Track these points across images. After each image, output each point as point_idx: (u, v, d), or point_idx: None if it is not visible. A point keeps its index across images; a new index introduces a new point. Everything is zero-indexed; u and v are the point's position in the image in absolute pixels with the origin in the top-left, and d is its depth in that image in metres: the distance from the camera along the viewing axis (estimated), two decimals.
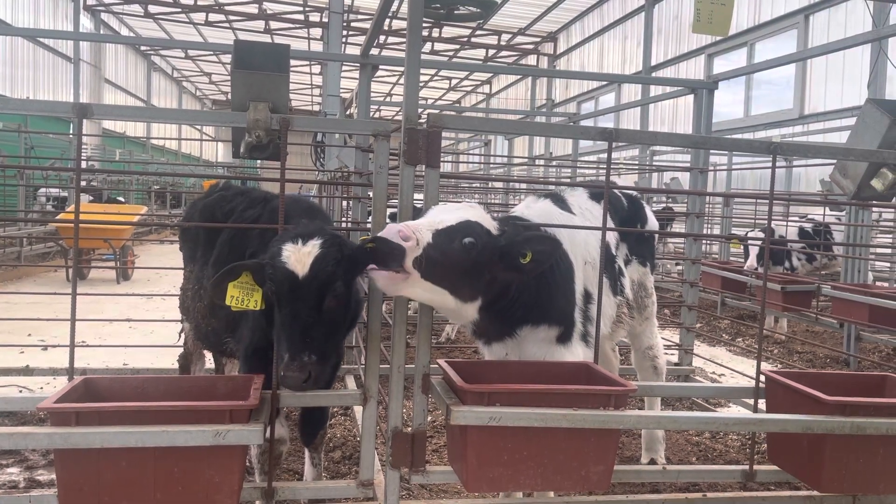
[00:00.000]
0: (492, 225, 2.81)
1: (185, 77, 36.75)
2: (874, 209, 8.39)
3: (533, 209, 3.47)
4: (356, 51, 5.94)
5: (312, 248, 2.54)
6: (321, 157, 7.12)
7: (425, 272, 2.53)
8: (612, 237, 3.80)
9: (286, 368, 2.51)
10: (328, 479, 3.85)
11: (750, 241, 9.06)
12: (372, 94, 6.15)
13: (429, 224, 2.63)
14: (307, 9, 22.35)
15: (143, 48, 29.93)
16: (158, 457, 2.37)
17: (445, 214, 2.72)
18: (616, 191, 4.12)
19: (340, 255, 2.57)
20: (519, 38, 24.53)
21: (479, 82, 31.83)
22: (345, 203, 6.53)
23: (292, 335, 2.53)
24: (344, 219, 6.53)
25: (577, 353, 3.19)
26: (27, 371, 5.11)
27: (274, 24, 23.18)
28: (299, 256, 2.53)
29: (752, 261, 9.01)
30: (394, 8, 18.64)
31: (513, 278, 2.87)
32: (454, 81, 31.73)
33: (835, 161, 4.10)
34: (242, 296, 2.68)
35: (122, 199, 18.00)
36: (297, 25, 23.30)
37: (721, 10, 5.74)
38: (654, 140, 9.61)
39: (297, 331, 2.53)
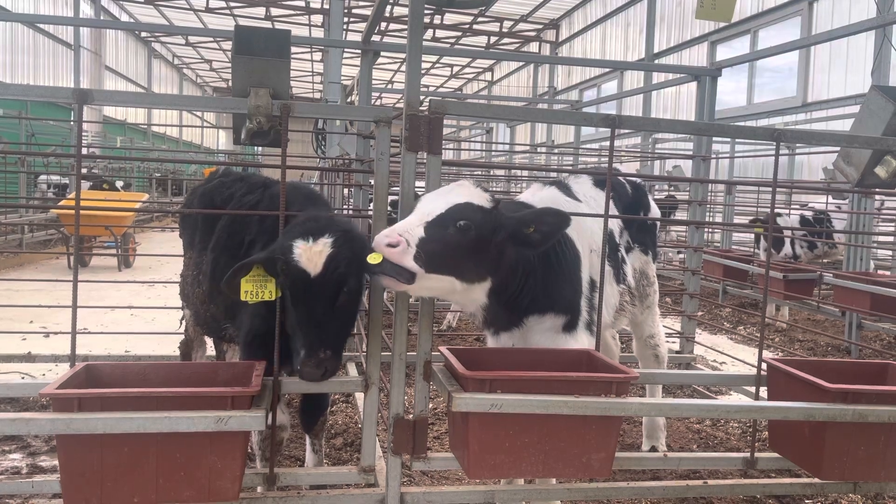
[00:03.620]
0: (483, 199, 2.76)
1: (186, 64, 36.62)
2: (876, 197, 8.35)
3: (539, 196, 3.46)
4: (357, 37, 5.90)
5: (324, 247, 2.55)
6: (322, 144, 7.11)
7: (428, 266, 2.52)
8: (615, 225, 3.79)
9: (304, 364, 2.55)
10: (329, 465, 3.86)
11: (770, 233, 9.01)
12: (373, 81, 6.12)
13: (419, 218, 2.61)
14: None
15: (143, 35, 29.79)
16: (161, 442, 2.38)
17: (435, 203, 2.70)
18: (620, 178, 4.10)
19: (351, 254, 2.57)
20: (521, 25, 24.39)
21: (480, 69, 31.69)
22: (346, 190, 6.52)
23: (308, 332, 2.57)
24: (345, 206, 6.51)
25: (582, 341, 3.19)
26: (29, 358, 5.13)
27: (275, 11, 23.06)
28: (311, 255, 2.54)
29: (787, 250, 9.01)
30: None
31: (520, 254, 2.86)
32: (456, 69, 31.60)
33: (838, 148, 4.08)
34: (256, 289, 2.69)
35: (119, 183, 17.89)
36: (298, 12, 23.17)
37: None
38: (657, 127, 9.56)
39: (312, 327, 2.56)
